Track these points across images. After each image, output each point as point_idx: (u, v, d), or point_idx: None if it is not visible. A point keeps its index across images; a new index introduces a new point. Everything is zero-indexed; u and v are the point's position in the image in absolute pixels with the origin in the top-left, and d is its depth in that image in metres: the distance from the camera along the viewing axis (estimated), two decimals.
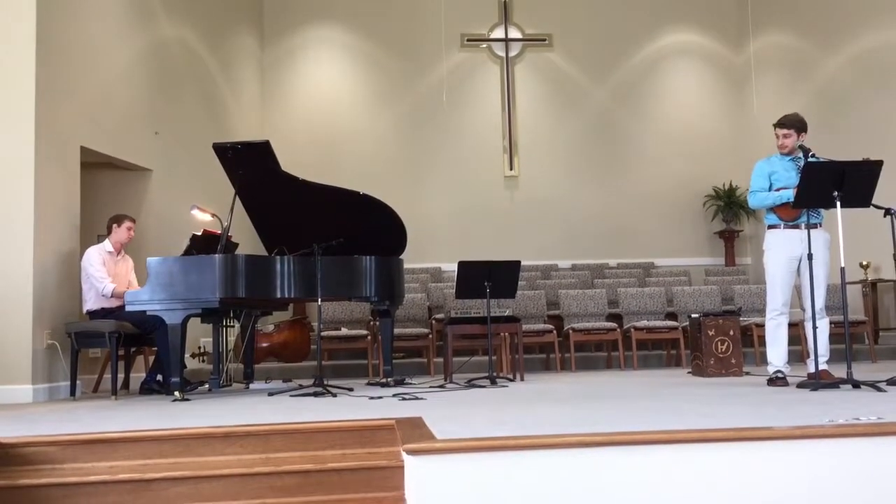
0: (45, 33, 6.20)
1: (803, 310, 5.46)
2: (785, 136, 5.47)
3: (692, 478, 2.93)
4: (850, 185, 4.78)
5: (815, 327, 5.18)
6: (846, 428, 3.05)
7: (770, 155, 5.70)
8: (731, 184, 11.51)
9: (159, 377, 6.23)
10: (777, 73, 11.43)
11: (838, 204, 4.80)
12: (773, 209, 5.47)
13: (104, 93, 7.14)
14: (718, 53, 12.27)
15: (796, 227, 5.40)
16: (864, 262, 9.11)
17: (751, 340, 7.93)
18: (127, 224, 6.44)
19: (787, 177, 5.44)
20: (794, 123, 5.49)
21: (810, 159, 5.09)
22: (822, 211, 5.32)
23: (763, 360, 5.65)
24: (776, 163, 5.55)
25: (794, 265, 5.44)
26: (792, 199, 5.26)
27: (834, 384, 4.80)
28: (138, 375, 6.70)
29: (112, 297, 6.16)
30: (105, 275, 6.20)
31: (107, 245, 6.38)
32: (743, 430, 3.07)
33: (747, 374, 6.59)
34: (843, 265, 4.92)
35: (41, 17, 6.16)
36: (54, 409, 5.17)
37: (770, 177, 5.51)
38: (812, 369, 5.28)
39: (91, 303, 6.22)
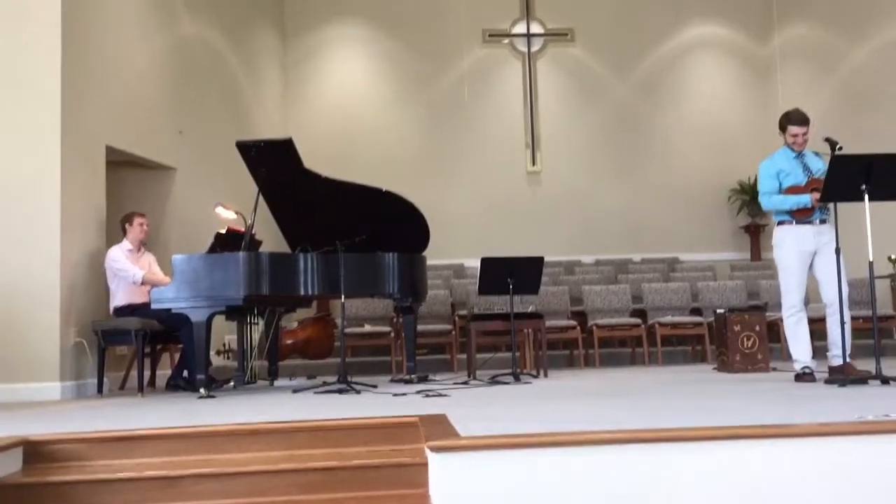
0: (69, 34, 6.26)
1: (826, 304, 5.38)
2: (804, 133, 5.40)
3: (719, 475, 2.90)
4: (878, 177, 4.71)
5: (843, 322, 5.11)
6: (876, 425, 3.01)
7: (773, 153, 5.62)
8: (755, 178, 11.36)
9: (185, 374, 6.28)
10: (802, 65, 11.30)
11: (866, 197, 4.74)
12: None
13: (129, 92, 7.20)
14: (742, 45, 12.15)
15: (808, 222, 5.34)
16: (892, 256, 8.98)
17: (777, 336, 7.84)
18: (138, 220, 6.50)
19: (796, 175, 5.38)
20: (807, 120, 5.42)
21: (837, 152, 5.01)
22: (831, 206, 5.22)
23: (789, 356, 5.59)
24: (782, 160, 5.48)
25: (807, 260, 5.37)
26: (810, 205, 5.22)
27: (862, 380, 4.74)
28: (164, 372, 6.76)
29: (143, 284, 6.24)
30: (131, 265, 6.27)
31: (126, 244, 6.44)
32: (770, 427, 3.03)
33: (774, 369, 6.52)
34: (871, 259, 4.85)
35: (66, 17, 6.21)
36: (82, 406, 5.23)
37: (778, 175, 5.45)
38: (833, 363, 5.25)
39: (119, 299, 6.28)
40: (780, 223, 5.50)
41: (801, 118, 5.43)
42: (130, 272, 6.25)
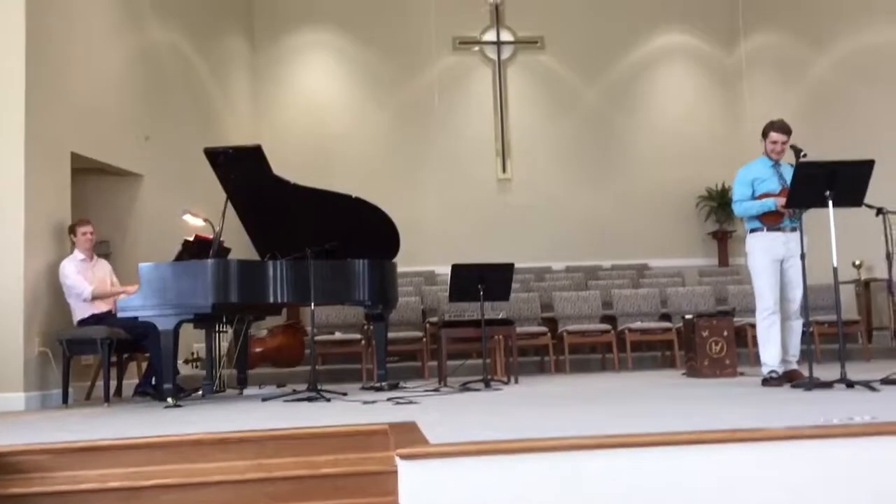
0: (34, 39, 6.17)
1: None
2: (784, 142, 5.48)
3: (687, 480, 2.91)
4: (842, 184, 4.78)
5: (807, 325, 5.22)
6: (841, 428, 3.05)
7: (751, 160, 5.70)
8: (723, 184, 11.51)
9: (153, 381, 6.20)
10: (768, 73, 11.47)
11: (830, 203, 4.80)
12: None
13: (95, 98, 7.11)
14: (710, 54, 12.30)
15: (778, 229, 5.42)
16: (857, 262, 9.12)
17: (745, 341, 7.93)
18: (81, 230, 6.32)
19: (771, 182, 5.47)
20: (790, 130, 5.51)
21: (802, 159, 5.08)
22: (803, 215, 5.31)
23: (757, 360, 5.65)
24: (759, 168, 5.57)
25: (777, 266, 5.47)
26: (774, 207, 5.31)
27: (828, 384, 4.79)
28: (131, 382, 6.67)
29: (94, 299, 6.13)
30: (81, 280, 6.15)
31: (77, 255, 6.31)
32: (737, 431, 3.06)
33: (741, 374, 6.58)
34: (835, 265, 4.92)
35: (30, 23, 6.13)
36: (46, 416, 5.14)
37: (752, 183, 5.53)
38: (787, 368, 5.45)
39: (79, 313, 6.18)
40: (752, 231, 5.58)
41: (784, 127, 5.53)
42: (79, 288, 6.13)
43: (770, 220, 5.45)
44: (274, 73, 11.81)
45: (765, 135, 5.58)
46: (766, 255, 5.46)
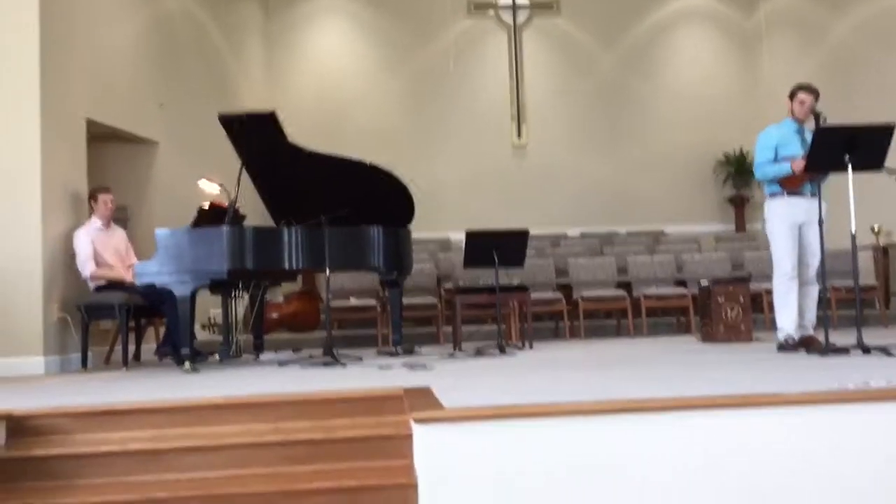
0: (48, 7, 6.15)
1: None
2: (811, 103, 5.40)
3: (702, 445, 2.93)
4: (861, 148, 4.73)
5: (823, 291, 5.21)
6: (856, 393, 3.04)
7: (773, 124, 5.62)
8: (741, 149, 11.40)
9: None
10: (787, 36, 11.29)
11: (849, 168, 4.76)
12: (777, 178, 5.43)
13: (109, 66, 7.11)
14: (728, 17, 12.11)
15: (798, 194, 5.37)
16: (876, 227, 9.04)
17: (761, 306, 7.90)
18: (102, 198, 6.34)
19: (794, 146, 5.40)
20: (818, 92, 5.44)
21: (821, 124, 5.02)
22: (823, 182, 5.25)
23: (773, 326, 5.64)
24: (783, 132, 5.48)
25: (796, 232, 5.43)
26: (790, 172, 5.26)
27: (844, 349, 4.78)
28: (149, 346, 6.73)
29: (91, 279, 6.17)
30: (89, 257, 6.16)
31: (95, 222, 6.34)
32: (752, 396, 3.06)
33: (757, 340, 6.57)
34: (853, 230, 4.88)
35: None
36: (66, 380, 5.21)
37: (776, 148, 5.45)
38: (803, 334, 5.44)
39: (94, 281, 6.23)
40: (771, 195, 5.53)
41: (812, 87, 5.47)
42: (83, 264, 6.15)
43: (791, 185, 5.39)
44: (288, 39, 11.74)
45: (792, 96, 5.50)
46: (786, 221, 5.42)
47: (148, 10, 7.91)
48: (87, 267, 6.16)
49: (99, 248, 6.25)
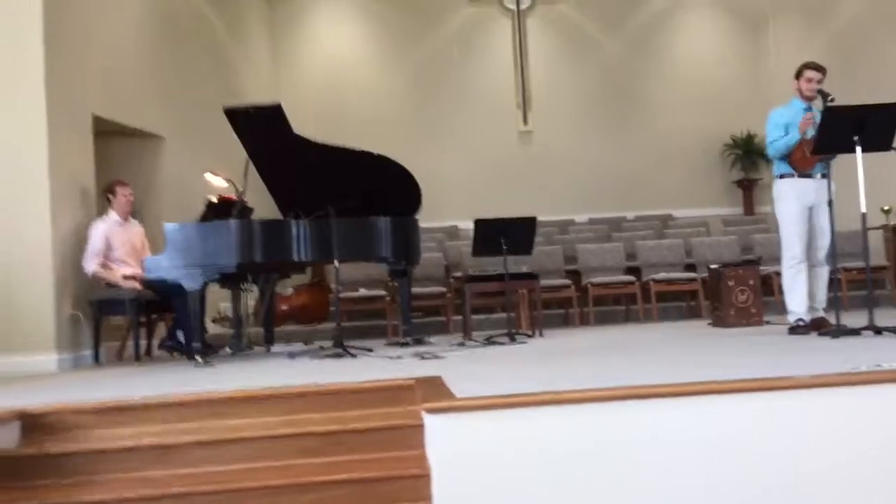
0: (51, 2, 6.14)
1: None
2: (819, 80, 5.37)
3: (714, 429, 2.92)
4: (870, 128, 4.70)
5: (834, 272, 5.20)
6: (868, 375, 3.03)
7: (782, 104, 5.58)
8: (748, 132, 11.34)
9: (179, 336, 6.27)
10: (794, 16, 11.20)
11: (858, 149, 4.72)
12: (788, 159, 5.38)
13: (114, 60, 7.10)
14: None
15: (808, 176, 5.34)
16: (886, 207, 8.97)
17: (771, 290, 7.87)
18: (122, 192, 6.36)
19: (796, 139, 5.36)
20: (825, 69, 5.40)
21: (829, 104, 4.99)
22: (832, 162, 5.23)
23: (784, 309, 5.62)
24: (792, 112, 5.43)
25: (807, 214, 5.39)
26: (799, 137, 5.24)
27: (855, 331, 4.76)
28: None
29: (92, 276, 6.18)
30: (96, 253, 6.16)
31: (113, 216, 6.36)
32: (764, 379, 3.05)
33: (768, 323, 6.54)
34: (864, 210, 4.85)
35: None
36: (79, 377, 5.24)
37: (787, 127, 5.42)
38: (815, 315, 5.43)
39: (94, 279, 6.25)
40: (781, 176, 5.49)
41: (819, 65, 5.43)
42: (87, 259, 6.17)
43: (803, 167, 5.35)
44: (291, 30, 11.72)
45: (798, 75, 5.46)
46: (798, 203, 5.38)
47: (151, 4, 7.90)
48: (90, 263, 6.17)
49: (114, 242, 6.27)
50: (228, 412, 3.51)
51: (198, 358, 5.45)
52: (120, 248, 6.30)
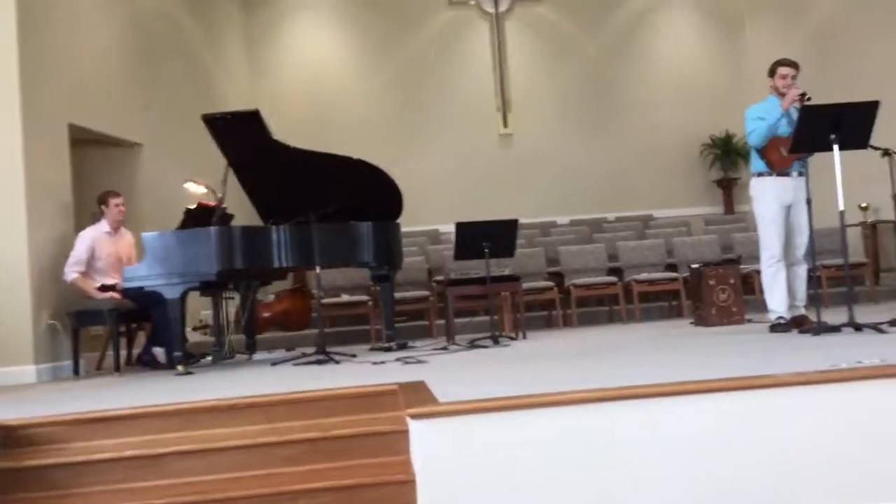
0: (25, 10, 6.09)
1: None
2: (793, 76, 5.39)
3: (699, 429, 2.93)
4: (846, 127, 4.73)
5: (813, 270, 5.24)
6: (849, 372, 3.05)
7: (758, 102, 5.60)
8: (727, 131, 11.42)
9: (156, 351, 6.24)
10: (771, 15, 11.28)
11: (836, 147, 4.76)
12: (765, 156, 5.40)
13: (89, 69, 7.04)
14: None
15: (786, 174, 5.36)
16: (864, 204, 9.07)
17: (752, 288, 7.91)
18: (113, 201, 6.33)
19: (781, 126, 5.37)
20: (797, 64, 5.43)
21: (805, 103, 5.02)
22: (809, 159, 5.25)
23: (765, 307, 5.65)
24: (769, 108, 5.44)
25: (785, 213, 5.41)
26: (783, 113, 5.26)
27: (835, 328, 4.80)
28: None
29: (71, 284, 6.14)
30: (78, 262, 6.13)
31: (104, 226, 6.32)
32: (745, 378, 3.06)
33: (749, 321, 6.58)
34: (842, 208, 4.89)
35: None
36: (58, 388, 5.18)
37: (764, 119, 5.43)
38: (795, 314, 5.46)
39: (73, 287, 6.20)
40: (759, 174, 5.50)
41: (790, 61, 5.46)
42: (68, 267, 6.12)
43: (781, 166, 5.37)
44: (268, 36, 11.68)
45: (772, 72, 5.48)
46: (776, 202, 5.39)
47: (125, 12, 7.84)
48: (71, 271, 6.13)
49: (100, 252, 6.23)
50: (211, 421, 3.48)
51: (179, 367, 5.41)
52: (104, 259, 6.25)
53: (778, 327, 5.38)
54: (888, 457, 2.93)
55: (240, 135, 5.94)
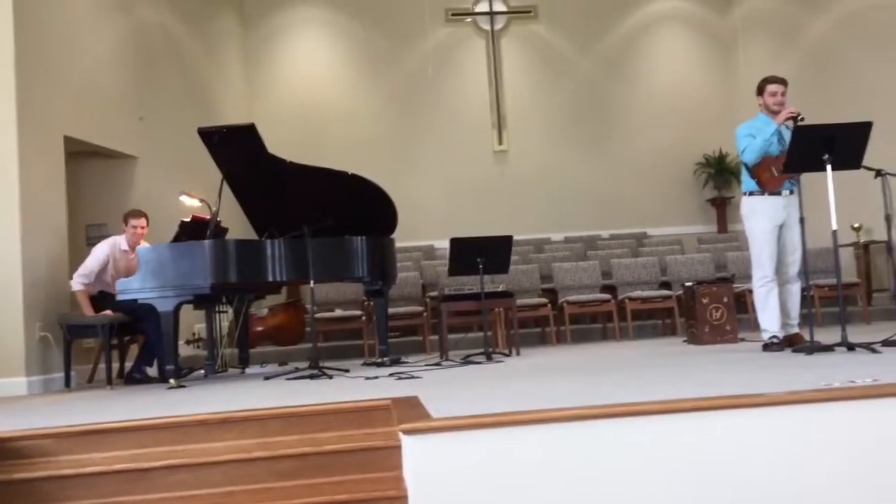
0: (23, 22, 6.10)
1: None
2: (783, 92, 5.41)
3: (692, 447, 2.92)
4: (840, 147, 4.75)
5: (806, 289, 5.24)
6: (842, 391, 3.05)
7: (748, 120, 5.61)
8: (721, 150, 11.47)
9: (142, 367, 6.23)
10: (764, 36, 11.37)
11: (829, 167, 4.78)
12: (756, 176, 5.40)
13: (86, 81, 7.06)
14: (704, 18, 12.20)
15: (777, 193, 5.38)
16: (856, 225, 9.11)
17: (745, 307, 7.94)
18: (132, 222, 6.31)
19: (772, 145, 5.38)
20: (785, 80, 5.45)
21: (799, 123, 5.04)
22: (801, 178, 5.27)
23: (758, 325, 5.66)
24: (760, 127, 5.44)
25: (777, 232, 5.42)
26: (776, 127, 5.26)
27: (828, 347, 4.80)
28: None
29: (77, 292, 6.15)
30: (89, 274, 6.15)
31: (122, 242, 6.33)
32: (738, 397, 3.06)
33: (742, 340, 6.59)
34: (835, 228, 4.90)
35: (18, 5, 6.06)
36: (49, 400, 5.15)
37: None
38: (789, 332, 5.46)
39: (98, 285, 6.22)
40: (750, 193, 5.49)
41: (778, 78, 5.46)
42: (75, 278, 6.15)
43: (772, 185, 5.38)
44: (266, 51, 11.72)
45: (760, 91, 5.49)
46: (768, 221, 5.39)
47: (124, 24, 7.87)
48: (77, 282, 6.12)
49: (112, 266, 6.25)
50: (202, 436, 3.46)
51: (171, 380, 5.39)
52: (114, 273, 6.23)
53: (771, 346, 5.38)
54: (881, 476, 2.93)
55: (235, 148, 5.95)
